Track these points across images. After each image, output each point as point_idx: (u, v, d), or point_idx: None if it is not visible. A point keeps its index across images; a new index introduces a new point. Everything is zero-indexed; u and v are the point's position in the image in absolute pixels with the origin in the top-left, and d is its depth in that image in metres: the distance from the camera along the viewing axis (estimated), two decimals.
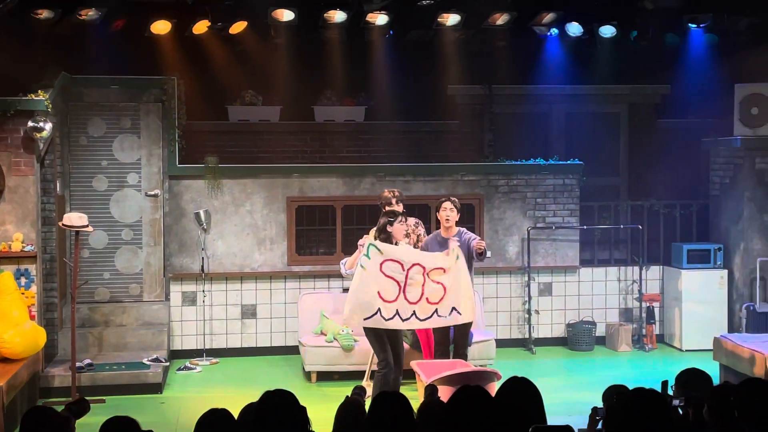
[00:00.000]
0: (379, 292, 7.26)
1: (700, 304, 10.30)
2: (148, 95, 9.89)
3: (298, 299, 9.63)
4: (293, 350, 9.87)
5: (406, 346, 8.71)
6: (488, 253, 9.86)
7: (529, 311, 10.37)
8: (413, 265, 7.30)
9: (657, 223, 10.84)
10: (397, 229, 7.51)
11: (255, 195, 10.08)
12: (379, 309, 7.25)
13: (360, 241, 7.41)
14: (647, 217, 10.82)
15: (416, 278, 7.32)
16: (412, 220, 8.50)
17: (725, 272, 10.37)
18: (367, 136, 11.38)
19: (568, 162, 10.69)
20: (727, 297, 10.34)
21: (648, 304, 10.44)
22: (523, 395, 4.19)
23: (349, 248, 10.31)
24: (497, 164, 10.65)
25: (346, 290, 10.00)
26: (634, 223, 10.77)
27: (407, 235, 7.77)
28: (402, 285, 7.27)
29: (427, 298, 7.34)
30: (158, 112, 9.88)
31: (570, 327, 10.42)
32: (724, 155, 10.73)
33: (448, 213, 7.84)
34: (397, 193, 8.41)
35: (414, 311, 7.31)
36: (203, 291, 9.89)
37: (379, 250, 7.26)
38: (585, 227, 10.61)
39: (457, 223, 8.05)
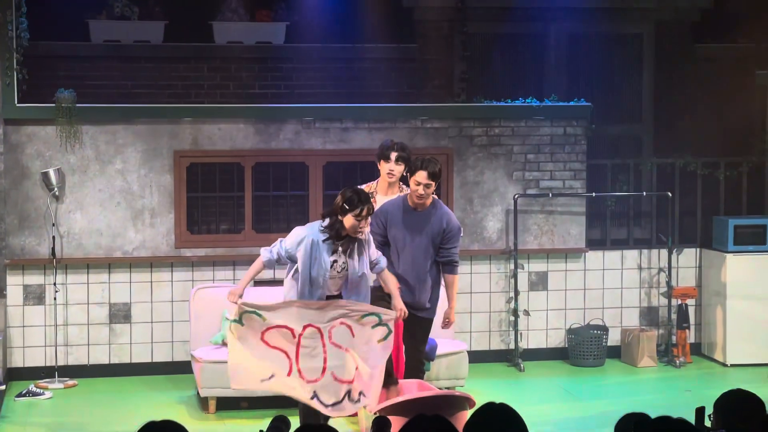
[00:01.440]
0: (265, 360, 7.25)
1: (751, 302, 10.44)
2: None
3: (190, 296, 9.58)
4: (183, 368, 9.83)
5: None
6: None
7: (515, 312, 10.44)
8: (306, 327, 7.22)
9: (693, 189, 10.94)
10: (350, 222, 7.26)
11: (129, 148, 9.99)
12: (272, 375, 7.24)
13: (230, 295, 7.40)
14: (679, 181, 10.91)
15: (312, 344, 7.24)
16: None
17: None
18: (288, 64, 11.30)
19: (571, 103, 10.71)
20: None
21: (680, 302, 10.56)
22: (501, 428, 4.19)
23: (264, 224, 10.27)
24: (472, 106, 10.64)
25: (260, 283, 10.00)
26: (661, 189, 10.86)
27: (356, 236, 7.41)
28: (293, 359, 7.23)
29: (333, 373, 7.24)
30: None
31: (572, 334, 10.51)
32: None
33: (422, 190, 7.83)
34: (401, 148, 8.38)
35: (315, 392, 7.22)
36: (55, 284, 9.81)
37: (260, 317, 7.19)
38: (594, 195, 10.67)
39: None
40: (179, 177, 10.02)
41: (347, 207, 7.21)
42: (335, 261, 7.29)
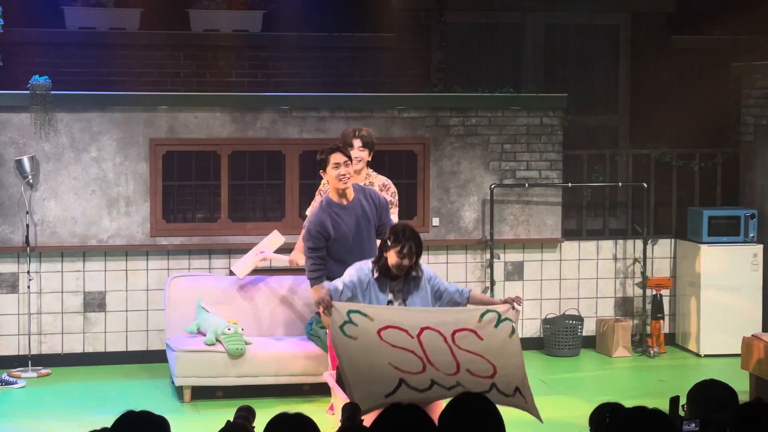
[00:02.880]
0: (391, 364, 6.64)
1: (725, 292, 10.48)
2: None
3: (165, 284, 9.56)
4: (158, 356, 9.81)
5: (317, 349, 8.76)
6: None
7: None
8: (423, 329, 6.75)
9: (668, 181, 10.98)
10: (392, 258, 6.97)
11: (104, 136, 9.95)
12: (402, 381, 6.62)
13: (318, 300, 6.89)
14: (655, 172, 10.95)
15: (436, 345, 6.74)
16: (380, 179, 8.44)
17: (760, 248, 10.56)
18: (265, 53, 11.27)
19: (548, 94, 10.71)
20: (762, 282, 10.55)
21: (654, 292, 10.60)
22: (476, 418, 4.19)
23: (240, 213, 10.24)
24: (449, 95, 10.64)
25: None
26: (637, 180, 10.89)
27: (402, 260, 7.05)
28: (422, 355, 6.69)
29: (468, 370, 6.77)
30: None
31: (547, 324, 10.54)
32: (761, 86, 10.88)
33: (350, 168, 7.80)
34: (363, 133, 8.30)
35: (458, 382, 6.70)
36: (29, 272, 9.77)
37: (366, 316, 6.68)
38: (570, 185, 10.69)
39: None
40: (155, 165, 9.99)
41: (389, 242, 7.00)
42: (390, 302, 7.05)
